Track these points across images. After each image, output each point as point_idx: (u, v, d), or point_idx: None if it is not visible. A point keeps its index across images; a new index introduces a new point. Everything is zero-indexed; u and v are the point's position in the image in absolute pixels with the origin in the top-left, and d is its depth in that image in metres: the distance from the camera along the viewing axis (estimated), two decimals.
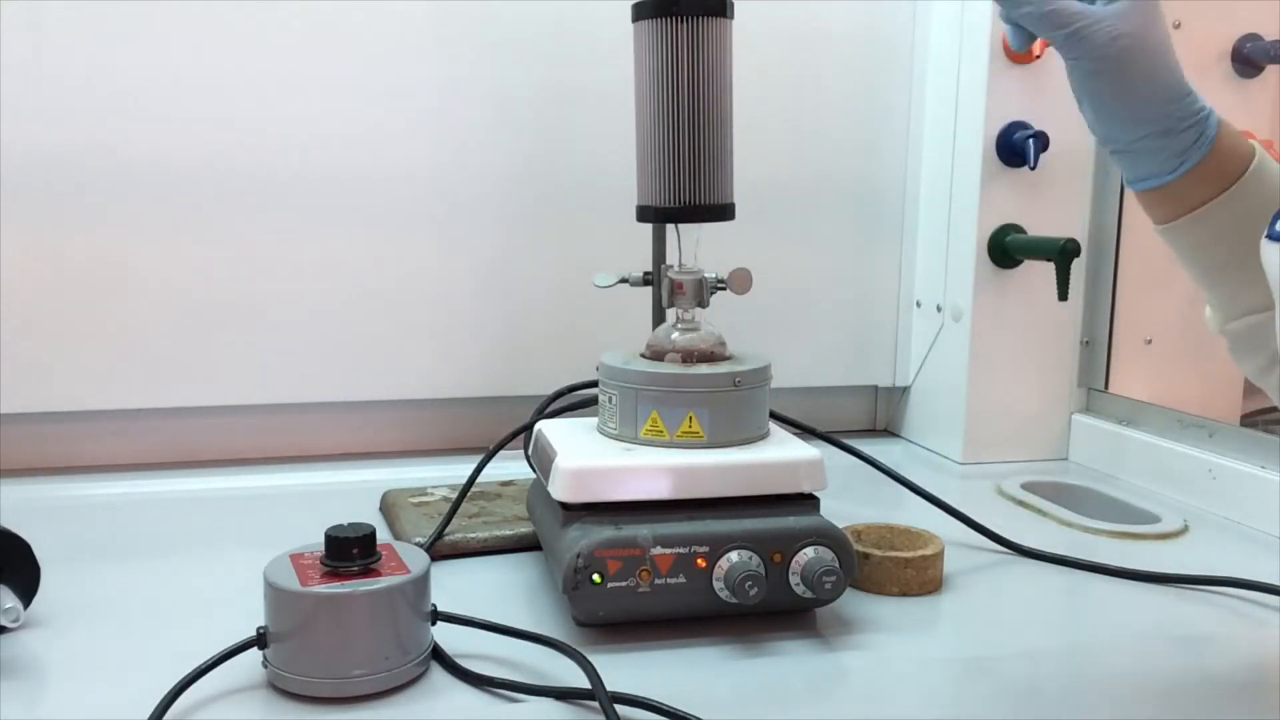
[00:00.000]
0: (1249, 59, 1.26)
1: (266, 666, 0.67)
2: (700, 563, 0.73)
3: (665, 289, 0.86)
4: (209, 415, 1.18)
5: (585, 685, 0.64)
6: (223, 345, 1.15)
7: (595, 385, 0.85)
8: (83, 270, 1.11)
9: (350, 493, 1.08)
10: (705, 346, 0.84)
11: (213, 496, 1.10)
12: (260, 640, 0.67)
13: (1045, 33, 0.65)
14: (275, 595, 0.66)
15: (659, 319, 0.98)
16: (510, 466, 1.01)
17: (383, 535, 0.89)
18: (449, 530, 0.91)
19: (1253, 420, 1.28)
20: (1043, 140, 1.16)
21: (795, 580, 0.74)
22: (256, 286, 1.15)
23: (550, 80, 1.20)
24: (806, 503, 0.78)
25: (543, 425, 0.87)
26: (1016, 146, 1.17)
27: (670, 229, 0.87)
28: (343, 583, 0.66)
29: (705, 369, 0.81)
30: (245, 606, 0.69)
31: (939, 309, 1.28)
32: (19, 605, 0.73)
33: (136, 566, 0.89)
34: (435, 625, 0.70)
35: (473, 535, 0.91)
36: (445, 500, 1.00)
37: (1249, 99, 1.28)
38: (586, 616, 0.74)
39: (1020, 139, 1.16)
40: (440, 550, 0.89)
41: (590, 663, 0.66)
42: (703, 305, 0.86)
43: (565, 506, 0.76)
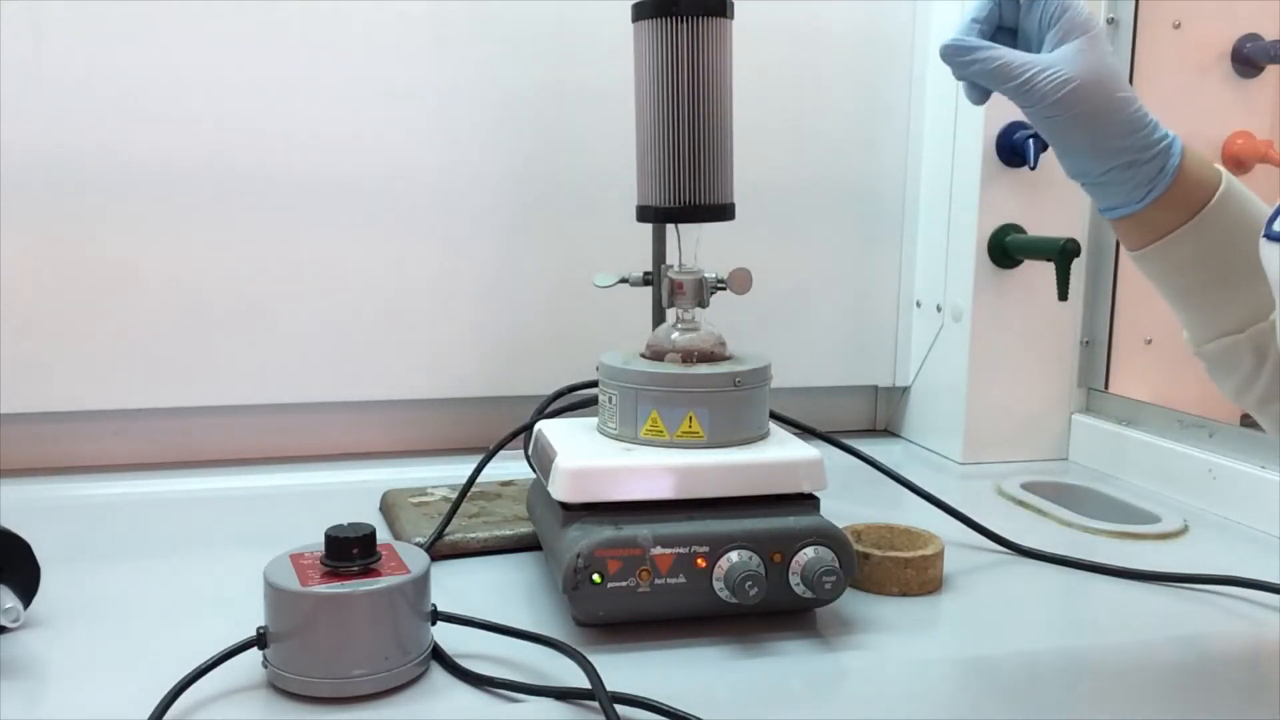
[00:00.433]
0: (1249, 59, 1.26)
1: (266, 666, 0.67)
2: (700, 563, 0.73)
3: (665, 289, 0.86)
4: (209, 415, 1.18)
5: (585, 685, 0.64)
6: (223, 345, 1.15)
7: (595, 385, 0.85)
8: (83, 270, 1.11)
9: (350, 493, 1.08)
10: (705, 346, 0.84)
11: (213, 496, 1.10)
12: (260, 640, 0.67)
13: (997, 87, 0.66)
14: (275, 595, 0.66)
15: (659, 319, 0.98)
16: (510, 466, 1.01)
17: (383, 535, 0.89)
18: (449, 530, 0.91)
19: (1253, 420, 1.27)
20: (1042, 140, 1.15)
21: (795, 580, 0.74)
22: (257, 286, 1.15)
23: (550, 80, 1.20)
24: (806, 503, 0.78)
25: (543, 425, 0.87)
26: (1016, 146, 1.17)
27: (670, 229, 0.87)
28: (343, 583, 0.66)
29: (705, 369, 0.81)
30: (245, 606, 0.69)
31: (939, 309, 1.28)
32: (19, 605, 0.73)
33: (136, 566, 0.89)
34: (435, 625, 0.70)
35: (473, 535, 0.91)
36: (445, 500, 1.00)
37: (1249, 99, 1.28)
38: (586, 616, 0.74)
39: (1020, 139, 1.16)
40: (440, 550, 0.89)
41: (590, 663, 0.66)
42: (703, 305, 0.86)
43: (565, 506, 0.76)
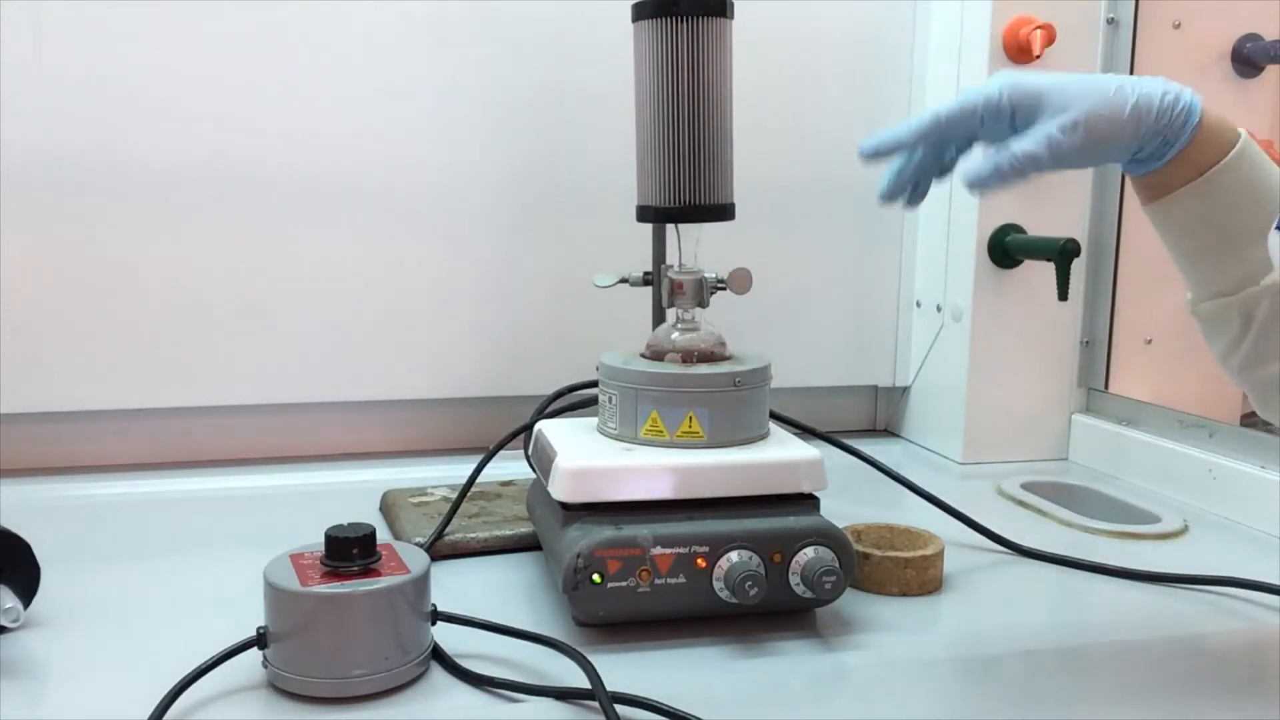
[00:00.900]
0: (1249, 59, 1.26)
1: (266, 666, 0.67)
2: (700, 563, 0.73)
3: (665, 289, 0.86)
4: (209, 415, 1.18)
5: (585, 685, 0.64)
6: (223, 345, 1.15)
7: (595, 385, 0.85)
8: (83, 270, 1.11)
9: (350, 493, 1.08)
10: (705, 346, 0.84)
11: (213, 496, 1.10)
12: (260, 640, 0.67)
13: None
14: (275, 595, 0.66)
15: (659, 319, 0.98)
16: (510, 466, 1.01)
17: (383, 535, 0.89)
18: (449, 530, 0.91)
19: (1253, 420, 1.27)
20: None
21: (795, 580, 0.74)
22: (257, 286, 1.15)
23: (550, 80, 1.20)
24: (806, 503, 0.78)
25: (543, 425, 0.87)
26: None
27: (670, 229, 0.87)
28: (343, 583, 0.66)
29: (705, 369, 0.81)
30: (245, 606, 0.69)
31: (939, 309, 1.28)
32: (19, 605, 0.73)
33: (136, 566, 0.89)
34: (435, 625, 0.70)
35: (473, 535, 0.91)
36: (445, 500, 1.00)
37: (1249, 99, 1.28)
38: (586, 616, 0.74)
39: None
40: (440, 550, 0.89)
41: (590, 663, 0.66)
42: (703, 305, 0.86)
43: (565, 506, 0.76)
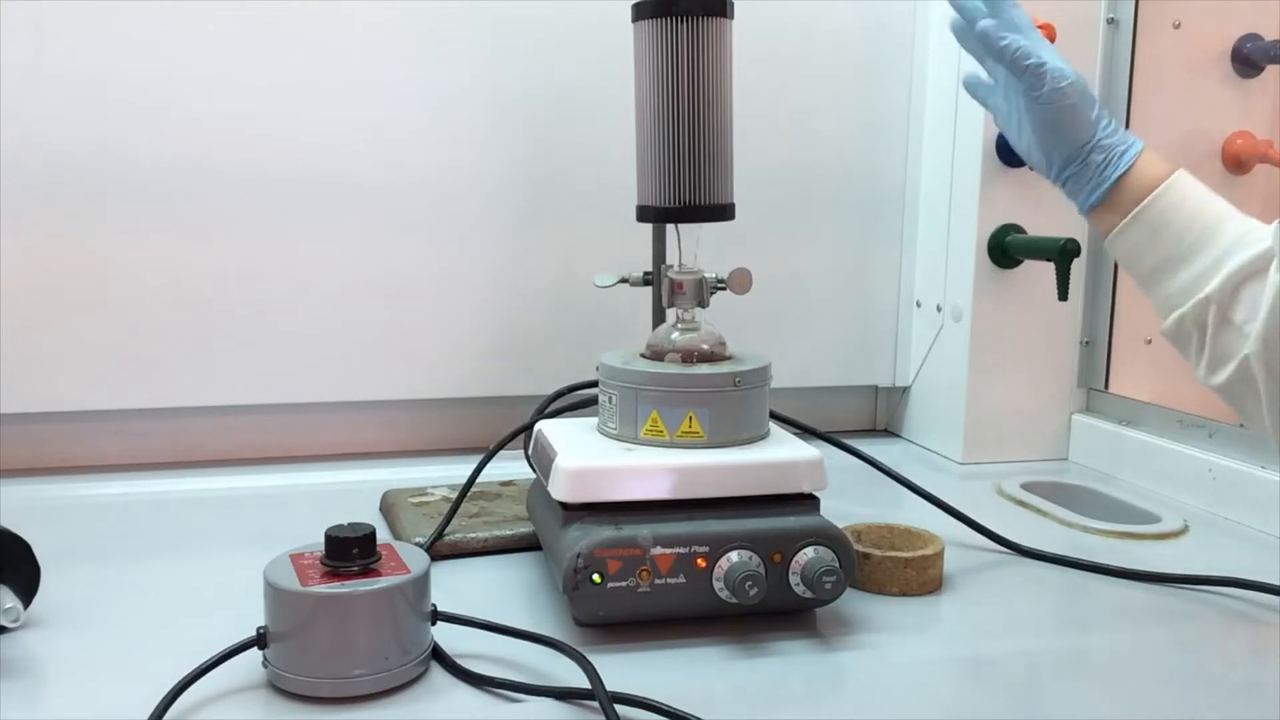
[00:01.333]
0: (1249, 59, 1.26)
1: (266, 666, 0.67)
2: (700, 563, 0.73)
3: (665, 289, 0.86)
4: (209, 415, 1.18)
5: (585, 685, 0.64)
6: (223, 345, 1.15)
7: (595, 385, 0.85)
8: (83, 270, 1.11)
9: (350, 493, 1.08)
10: (705, 346, 0.84)
11: (213, 496, 1.10)
12: (260, 640, 0.67)
13: (1012, 67, 0.79)
14: (275, 595, 0.66)
15: (659, 319, 0.98)
16: (510, 466, 1.01)
17: (383, 535, 0.89)
18: (449, 530, 0.91)
19: None
20: None
21: (795, 580, 0.74)
22: (257, 287, 1.15)
23: (550, 81, 1.20)
24: (806, 503, 0.78)
25: (543, 425, 0.87)
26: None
27: (670, 229, 0.87)
28: (343, 583, 0.66)
29: (705, 369, 0.81)
30: (245, 606, 0.69)
31: (939, 309, 1.28)
32: (19, 605, 0.73)
33: (136, 566, 0.89)
34: (435, 625, 0.70)
35: (473, 535, 0.91)
36: (445, 500, 1.00)
37: (1249, 99, 1.28)
38: (586, 616, 0.74)
39: None
40: (440, 550, 0.89)
41: (590, 663, 0.66)
42: (703, 305, 0.86)
43: (565, 506, 0.76)
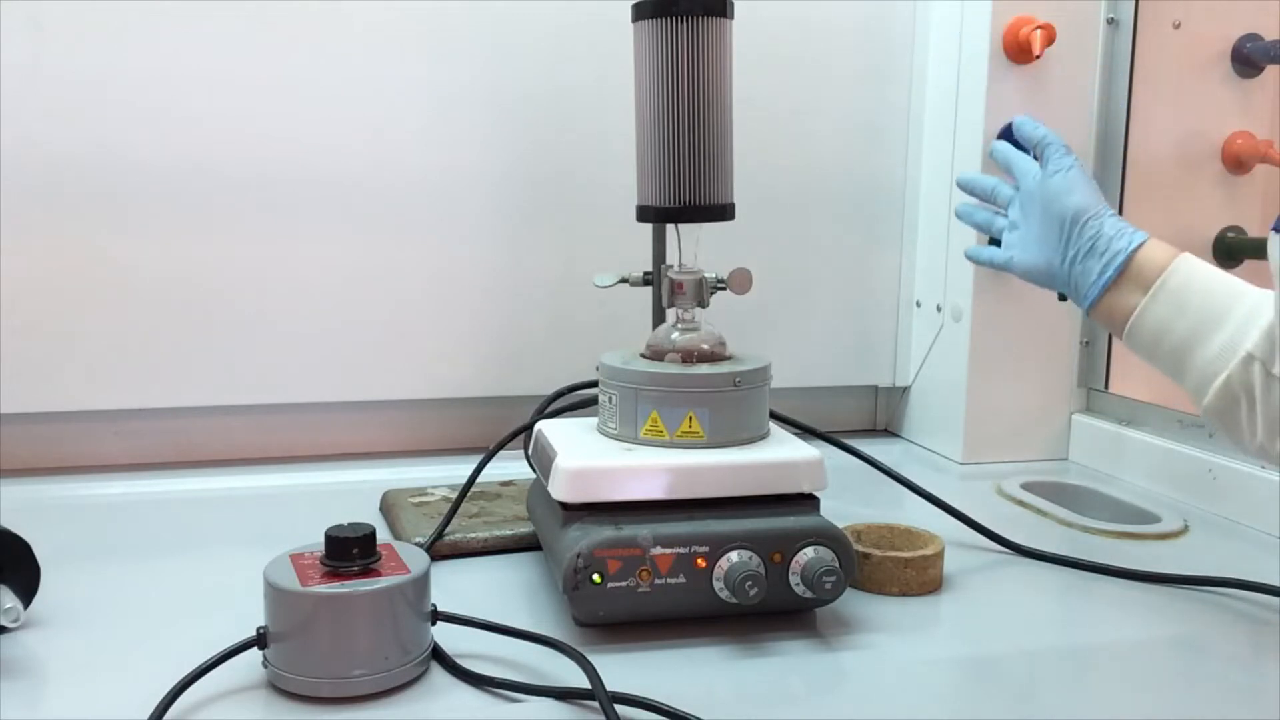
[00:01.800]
0: (1249, 59, 1.26)
1: (266, 666, 0.67)
2: (700, 563, 0.73)
3: (665, 289, 0.86)
4: (209, 415, 1.18)
5: (585, 685, 0.64)
6: (223, 345, 1.15)
7: (595, 385, 0.85)
8: (83, 270, 1.11)
9: (350, 493, 1.08)
10: (705, 346, 0.84)
11: (213, 496, 1.10)
12: (260, 640, 0.67)
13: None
14: (275, 595, 0.66)
15: (659, 319, 0.98)
16: (510, 466, 1.01)
17: (383, 535, 0.89)
18: (449, 530, 0.91)
19: None
20: None
21: (795, 580, 0.74)
22: (257, 287, 1.15)
23: (550, 80, 1.20)
24: (806, 503, 0.78)
25: (543, 425, 0.87)
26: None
27: (670, 229, 0.87)
28: (343, 583, 0.66)
29: (705, 369, 0.81)
30: (245, 606, 0.69)
31: (939, 309, 1.28)
32: (19, 605, 0.73)
33: (136, 566, 0.89)
34: (435, 625, 0.70)
35: (473, 535, 0.91)
36: (445, 500, 1.00)
37: (1249, 99, 1.27)
38: (586, 616, 0.74)
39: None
40: (440, 550, 0.89)
41: (590, 663, 0.66)
42: (703, 305, 0.86)
43: (565, 506, 0.76)
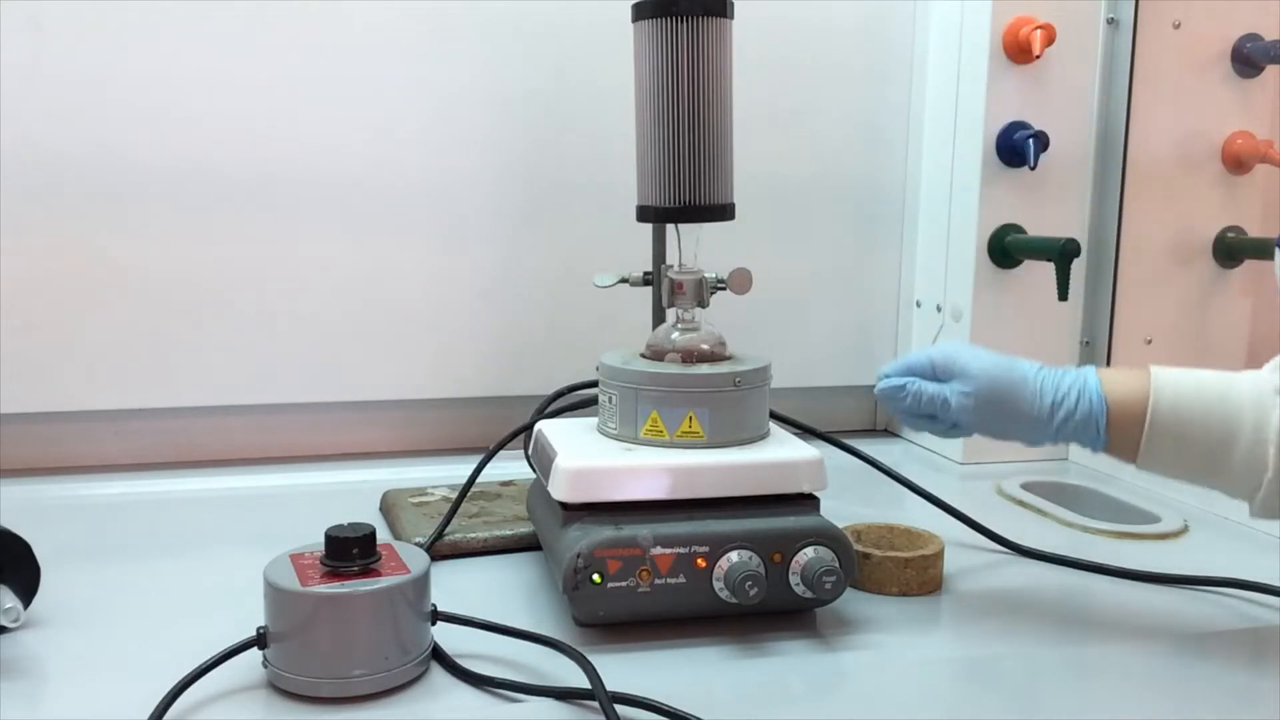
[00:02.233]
0: (1249, 59, 1.26)
1: (266, 666, 0.67)
2: (700, 563, 0.73)
3: (665, 289, 0.86)
4: (209, 415, 1.18)
5: (585, 685, 0.64)
6: (223, 345, 1.15)
7: (595, 385, 0.85)
8: (83, 270, 1.11)
9: (350, 493, 1.08)
10: (705, 346, 0.84)
11: (213, 496, 1.10)
12: (260, 640, 0.67)
13: (920, 419, 0.79)
14: (275, 595, 0.66)
15: (659, 319, 0.98)
16: (510, 466, 1.01)
17: (383, 535, 0.89)
18: (449, 530, 0.91)
19: None
20: (1043, 140, 1.16)
21: (795, 580, 0.74)
22: (257, 287, 1.15)
23: (550, 81, 1.20)
24: (806, 503, 0.78)
25: (543, 425, 0.87)
26: (1016, 146, 1.17)
27: (670, 229, 0.87)
28: (343, 583, 0.66)
29: (705, 369, 0.81)
30: (245, 606, 0.69)
31: (939, 309, 1.28)
32: (19, 605, 0.73)
33: (136, 566, 0.89)
34: (435, 625, 0.70)
35: (473, 535, 0.91)
36: (445, 500, 1.00)
37: (1249, 99, 1.27)
38: (586, 616, 0.74)
39: (1020, 139, 1.16)
40: (440, 550, 0.89)
41: (590, 663, 0.66)
42: (703, 305, 0.86)
43: (565, 506, 0.76)
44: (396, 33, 1.15)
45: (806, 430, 0.98)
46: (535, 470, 0.87)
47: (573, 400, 0.98)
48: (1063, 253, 1.10)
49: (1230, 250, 1.27)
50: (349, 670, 0.65)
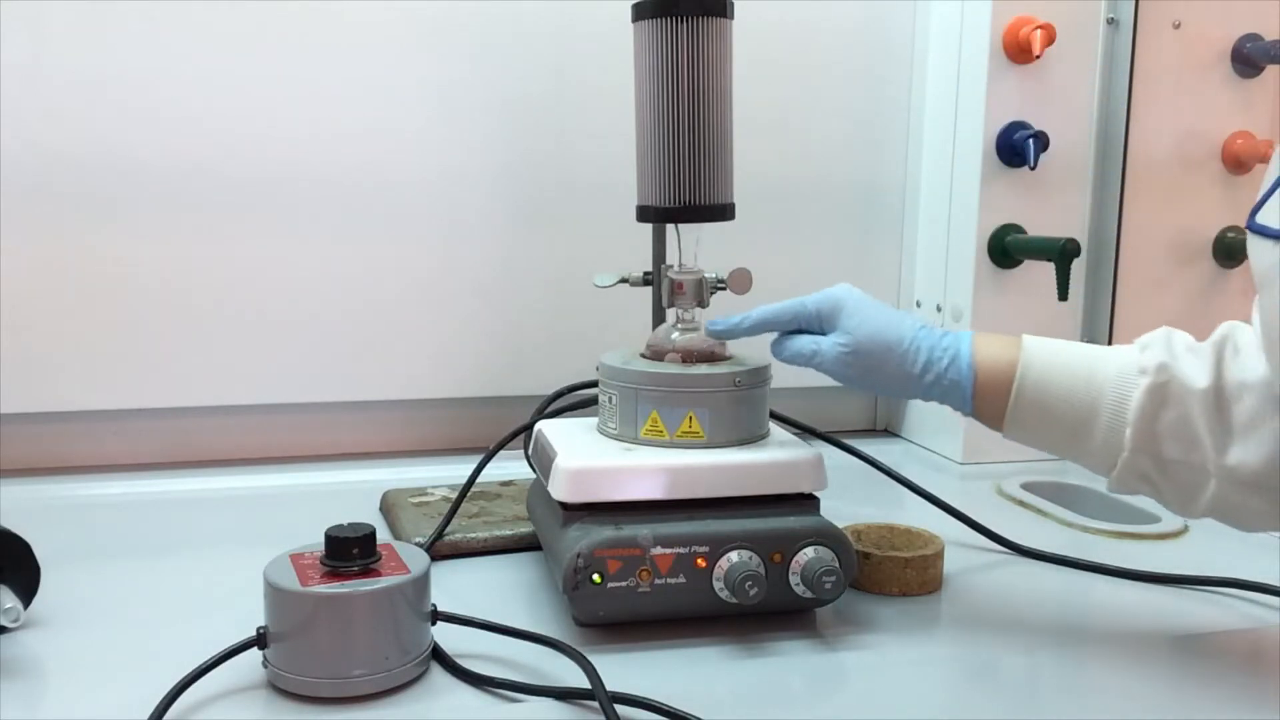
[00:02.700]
0: (1249, 59, 1.26)
1: (266, 666, 0.67)
2: (700, 563, 0.73)
3: (665, 289, 0.86)
4: (209, 415, 1.18)
5: (585, 685, 0.64)
6: (223, 345, 1.15)
7: (595, 385, 0.85)
8: (82, 270, 1.11)
9: (350, 493, 1.08)
10: (705, 346, 0.84)
11: (213, 496, 1.10)
12: (260, 640, 0.67)
13: (799, 365, 0.79)
14: (275, 595, 0.66)
15: (659, 319, 0.98)
16: (510, 466, 1.01)
17: (383, 535, 0.89)
18: (449, 530, 0.91)
19: None
20: (1043, 140, 1.16)
21: (795, 580, 0.74)
22: (257, 287, 1.15)
23: (551, 80, 1.20)
24: (806, 503, 0.78)
25: (543, 425, 0.87)
26: (1016, 146, 1.17)
27: (670, 229, 0.87)
28: (343, 583, 0.66)
29: (705, 369, 0.81)
30: (245, 606, 0.69)
31: (939, 309, 1.28)
32: (19, 605, 0.73)
33: (136, 566, 0.89)
34: (435, 625, 0.70)
35: (473, 535, 0.91)
36: (445, 500, 1.00)
37: (1249, 99, 1.27)
38: (586, 616, 0.74)
39: (1020, 139, 1.16)
40: (440, 550, 0.89)
41: (590, 663, 0.66)
42: (703, 305, 0.86)
43: (565, 506, 0.76)
44: (396, 32, 1.15)
45: (806, 430, 0.98)
46: (535, 470, 0.87)
47: (573, 400, 0.98)
48: (1063, 253, 1.10)
49: (1230, 250, 1.27)
50: (349, 670, 0.65)
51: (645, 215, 0.86)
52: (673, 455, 0.78)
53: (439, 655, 0.70)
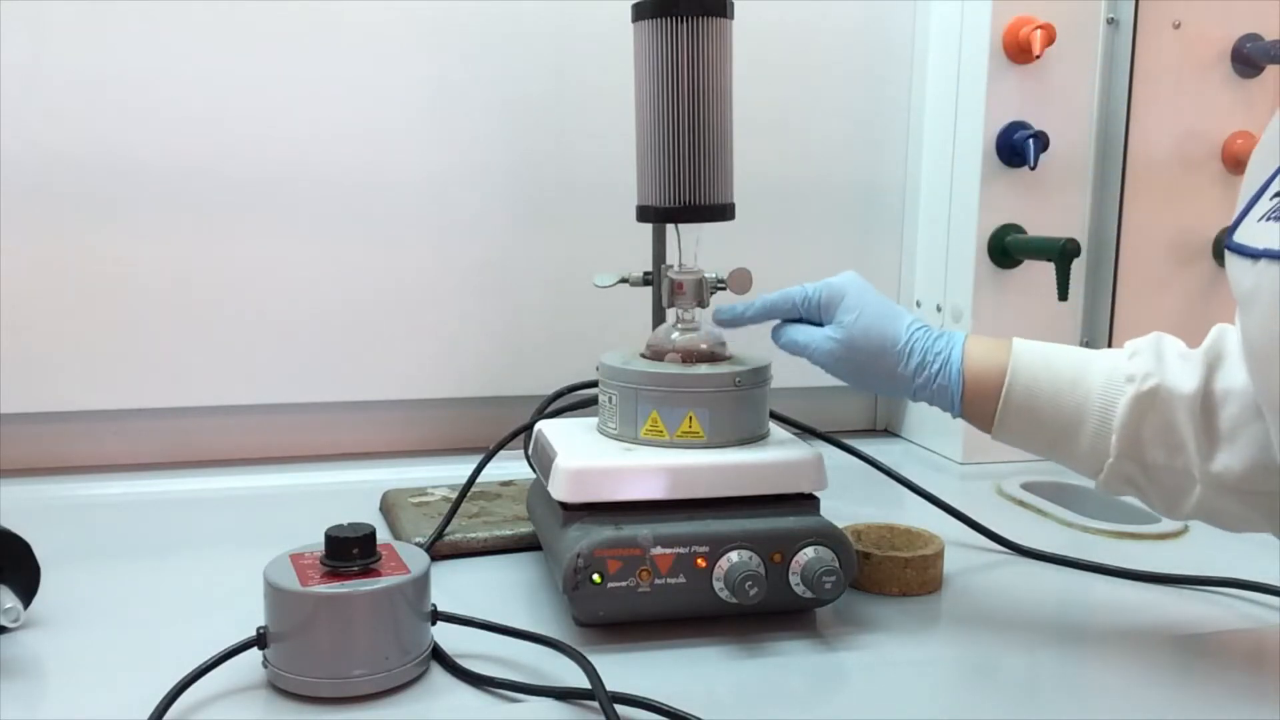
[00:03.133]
0: (1249, 59, 1.26)
1: (266, 666, 0.67)
2: (700, 563, 0.73)
3: (665, 289, 0.86)
4: (209, 415, 1.18)
5: (585, 685, 0.64)
6: (223, 345, 1.15)
7: (595, 385, 0.85)
8: (82, 270, 1.11)
9: (350, 493, 1.08)
10: (705, 346, 0.84)
11: (213, 496, 1.10)
12: (260, 640, 0.67)
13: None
14: (275, 595, 0.66)
15: (659, 319, 0.98)
16: (510, 466, 1.01)
17: (383, 535, 0.89)
18: (449, 530, 0.91)
19: None
20: (1043, 140, 1.16)
21: (795, 580, 0.74)
22: (257, 287, 1.15)
23: (551, 80, 1.20)
24: (806, 503, 0.78)
25: (543, 425, 0.87)
26: (1016, 146, 1.17)
27: (670, 229, 0.87)
28: (343, 583, 0.66)
29: (705, 369, 0.81)
30: (245, 606, 0.69)
31: (939, 309, 1.28)
32: (19, 605, 0.73)
33: (136, 566, 0.89)
34: (435, 625, 0.70)
35: (473, 535, 0.91)
36: (445, 500, 1.00)
37: (1249, 99, 1.27)
38: (586, 616, 0.74)
39: (1020, 139, 1.16)
40: (440, 550, 0.89)
41: (590, 663, 0.66)
42: (703, 305, 0.86)
43: (565, 506, 0.76)
44: (396, 33, 1.15)
45: (806, 430, 0.98)
46: (535, 470, 0.87)
47: (573, 400, 0.98)
48: (1063, 253, 1.10)
49: None
50: (349, 670, 0.65)
51: (645, 215, 0.86)
52: (673, 455, 0.78)
53: (439, 655, 0.70)
